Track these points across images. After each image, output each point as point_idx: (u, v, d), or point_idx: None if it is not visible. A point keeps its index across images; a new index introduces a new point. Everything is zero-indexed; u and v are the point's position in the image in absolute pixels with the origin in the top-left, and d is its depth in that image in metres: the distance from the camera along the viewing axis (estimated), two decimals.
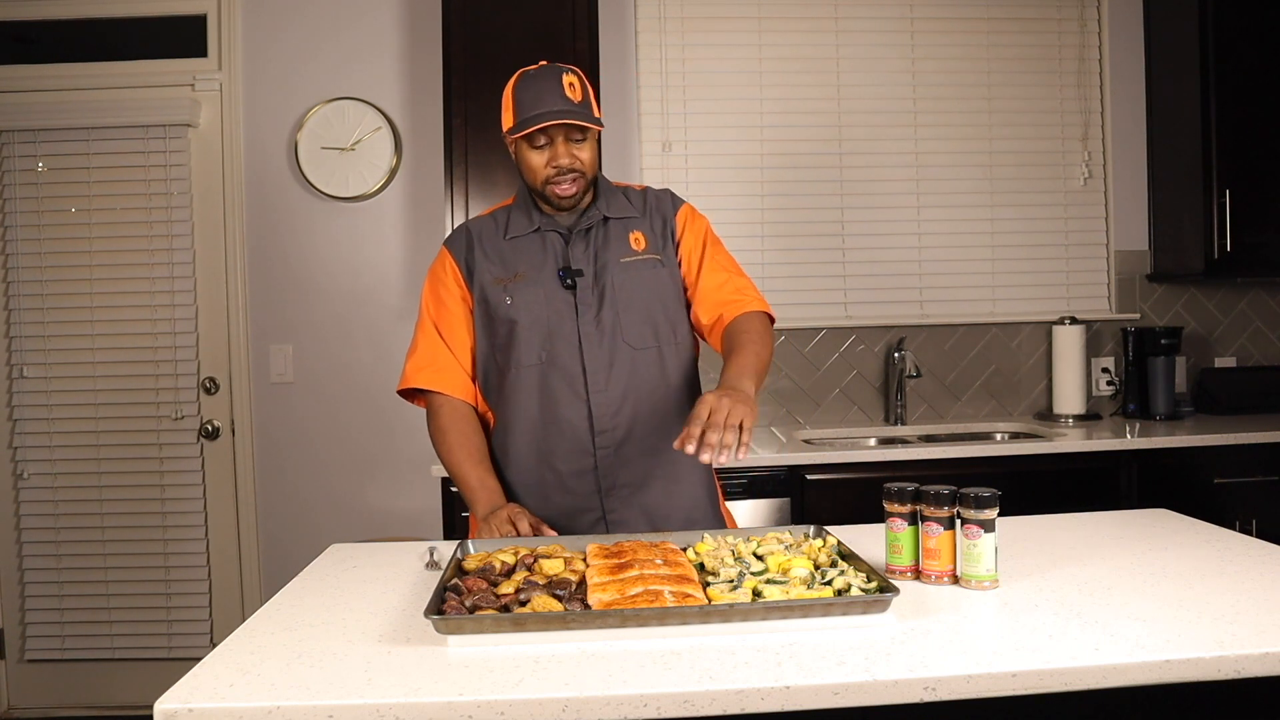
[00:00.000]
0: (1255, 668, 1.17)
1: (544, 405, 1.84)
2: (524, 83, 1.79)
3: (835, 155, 3.57)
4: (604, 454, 1.83)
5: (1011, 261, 3.63)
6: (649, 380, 1.86)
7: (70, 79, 3.42)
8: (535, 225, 1.88)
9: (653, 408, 1.86)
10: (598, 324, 1.84)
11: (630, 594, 1.32)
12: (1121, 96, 3.65)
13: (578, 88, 1.78)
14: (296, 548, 3.41)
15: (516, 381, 1.85)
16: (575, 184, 1.82)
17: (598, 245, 1.87)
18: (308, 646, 1.28)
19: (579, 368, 1.83)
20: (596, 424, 1.83)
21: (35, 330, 3.43)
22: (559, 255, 1.87)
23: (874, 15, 3.57)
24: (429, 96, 3.41)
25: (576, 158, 1.79)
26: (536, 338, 1.84)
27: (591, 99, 1.81)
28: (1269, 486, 3.02)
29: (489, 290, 1.87)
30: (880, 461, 2.91)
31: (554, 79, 1.77)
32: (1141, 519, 1.91)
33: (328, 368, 3.47)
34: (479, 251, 1.90)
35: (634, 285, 1.86)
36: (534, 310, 1.84)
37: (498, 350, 1.88)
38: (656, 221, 1.93)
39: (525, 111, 1.76)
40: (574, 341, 1.83)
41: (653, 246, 1.90)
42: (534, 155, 1.80)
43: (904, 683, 1.13)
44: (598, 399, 1.83)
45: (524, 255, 1.88)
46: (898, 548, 1.53)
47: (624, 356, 1.84)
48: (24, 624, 3.45)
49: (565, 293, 1.85)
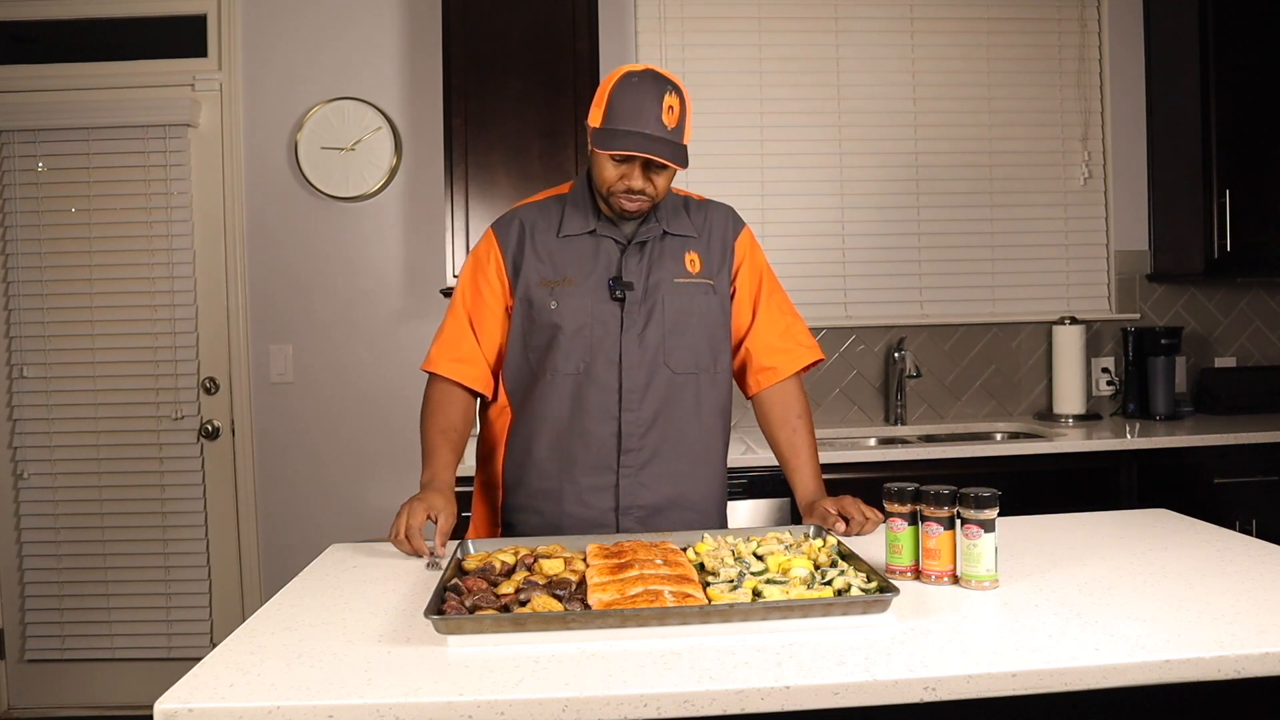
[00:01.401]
0: (1255, 668, 1.17)
1: (574, 415, 1.81)
2: (625, 89, 1.70)
3: (835, 155, 3.57)
4: (626, 474, 1.81)
5: (1011, 261, 3.63)
6: (683, 407, 1.84)
7: (70, 79, 3.42)
8: (591, 227, 1.83)
9: (681, 435, 1.84)
10: (641, 342, 1.81)
11: (630, 594, 1.32)
12: (1121, 96, 3.65)
13: (676, 111, 1.70)
14: (296, 548, 3.41)
15: (550, 387, 1.81)
16: (641, 205, 1.77)
17: (652, 260, 1.83)
18: (308, 646, 1.28)
19: (616, 383, 1.80)
20: (624, 443, 1.80)
21: (35, 330, 3.43)
22: (611, 264, 1.82)
23: (874, 15, 3.58)
24: (429, 96, 3.41)
25: (652, 183, 1.74)
26: (577, 347, 1.80)
27: (688, 123, 1.73)
28: (1269, 486, 3.02)
29: (534, 290, 1.82)
30: (880, 461, 2.91)
31: (656, 96, 1.68)
32: (1141, 519, 1.91)
33: (327, 368, 3.47)
34: (529, 248, 1.84)
35: (684, 308, 1.83)
36: (578, 318, 1.80)
37: (533, 352, 1.84)
38: (715, 245, 1.89)
39: (617, 122, 1.68)
40: (614, 357, 1.80)
41: (707, 270, 1.87)
42: (610, 167, 1.74)
43: (904, 683, 1.13)
44: (629, 418, 1.80)
45: (575, 258, 1.83)
46: (898, 548, 1.53)
47: (662, 379, 1.82)
48: (24, 624, 3.45)
49: (612, 305, 1.81)
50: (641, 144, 1.67)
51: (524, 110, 3.08)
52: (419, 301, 3.47)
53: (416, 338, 3.47)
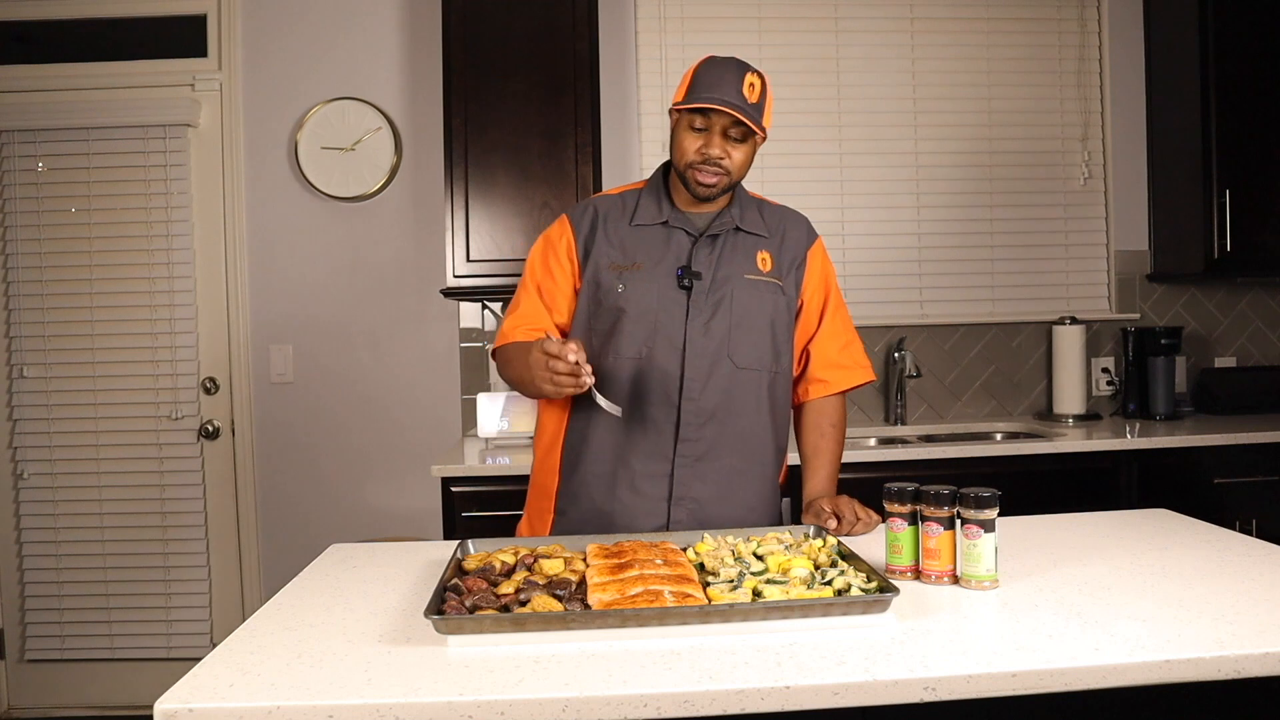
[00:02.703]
0: (1255, 668, 1.17)
1: (633, 401, 1.80)
2: (708, 65, 1.77)
3: (835, 155, 3.57)
4: (682, 463, 1.80)
5: (1011, 261, 3.63)
6: (744, 402, 1.83)
7: (70, 79, 3.42)
8: (664, 218, 1.85)
9: (739, 430, 1.83)
10: (706, 332, 1.81)
11: (630, 594, 1.32)
12: (1121, 96, 3.65)
13: (757, 89, 1.76)
14: (296, 548, 3.41)
15: (612, 370, 1.81)
16: (718, 179, 1.78)
17: (723, 253, 1.84)
18: (308, 646, 1.28)
19: (678, 371, 1.80)
20: (682, 431, 1.80)
21: (35, 330, 3.43)
22: (681, 254, 1.83)
23: (874, 15, 3.58)
24: (429, 96, 3.41)
25: (729, 154, 1.77)
26: (641, 331, 1.80)
27: (768, 106, 1.79)
28: (1269, 486, 3.02)
29: (603, 274, 1.83)
30: (880, 461, 2.91)
31: (738, 72, 1.75)
32: (1141, 519, 1.91)
33: (327, 368, 3.47)
34: (601, 233, 1.85)
35: (753, 304, 1.83)
36: (644, 303, 1.80)
37: (596, 335, 1.83)
38: (788, 250, 1.91)
39: (699, 91, 1.74)
40: (678, 344, 1.80)
41: (778, 271, 1.88)
42: (689, 136, 1.77)
43: (904, 683, 1.13)
44: (689, 407, 1.79)
45: (645, 246, 1.84)
46: (898, 548, 1.53)
47: (724, 371, 1.81)
48: (24, 624, 3.45)
49: (679, 293, 1.81)
50: (721, 102, 1.71)
51: (524, 111, 3.08)
52: (419, 301, 3.47)
53: (417, 338, 3.47)
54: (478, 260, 3.10)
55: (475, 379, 3.46)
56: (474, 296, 3.24)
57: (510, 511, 2.78)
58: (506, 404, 3.16)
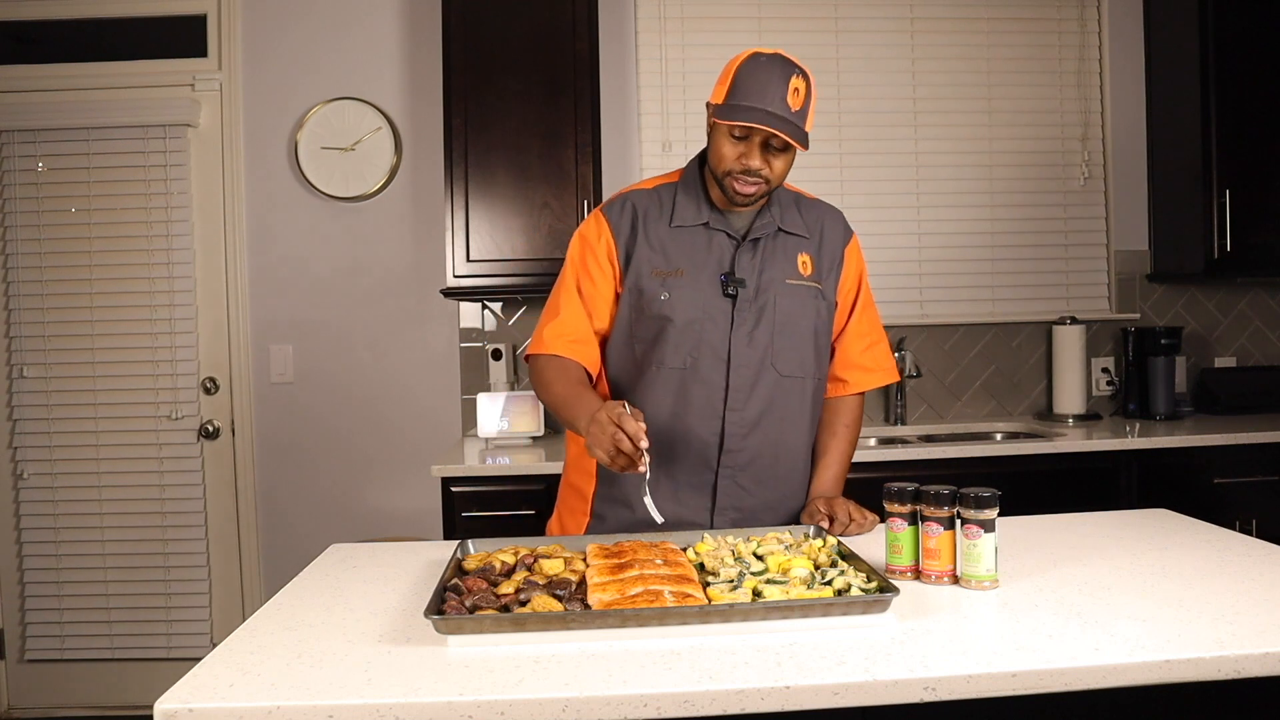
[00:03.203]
0: (1255, 668, 1.17)
1: (677, 411, 1.76)
2: (752, 66, 1.67)
3: (835, 155, 3.57)
4: (725, 474, 1.79)
5: (1011, 261, 3.63)
6: (786, 409, 1.81)
7: (70, 79, 3.42)
8: (704, 219, 1.79)
9: (780, 439, 1.81)
10: (750, 341, 1.77)
11: (630, 594, 1.32)
12: (1121, 96, 3.65)
13: (801, 94, 1.66)
14: (296, 548, 3.41)
15: (654, 380, 1.77)
16: (756, 188, 1.72)
17: (765, 258, 1.79)
18: (308, 646, 1.28)
19: (723, 381, 1.76)
20: (727, 442, 1.77)
21: (35, 330, 3.43)
22: (724, 259, 1.78)
23: (874, 15, 3.57)
24: (429, 96, 3.41)
25: (769, 164, 1.70)
26: (687, 341, 1.75)
27: (811, 108, 1.69)
28: (1269, 486, 3.02)
29: (645, 280, 1.77)
30: (880, 461, 2.91)
31: (783, 77, 1.65)
32: (1141, 519, 1.91)
33: (328, 368, 3.47)
34: (641, 235, 1.79)
35: (795, 310, 1.80)
36: (690, 312, 1.75)
37: (639, 342, 1.79)
38: (827, 249, 1.86)
39: (740, 98, 1.65)
40: (723, 354, 1.76)
41: (818, 274, 1.84)
42: (728, 144, 1.70)
43: (904, 683, 1.13)
44: (733, 417, 1.77)
45: (687, 249, 1.78)
46: (898, 548, 1.53)
47: (768, 380, 1.78)
48: (24, 624, 3.45)
49: (724, 301, 1.76)
50: (763, 118, 1.63)
51: (524, 111, 3.08)
52: (419, 301, 3.47)
53: (417, 338, 3.47)
54: (478, 260, 3.10)
55: (475, 379, 3.46)
56: (474, 296, 3.24)
57: (511, 511, 2.78)
58: (506, 404, 3.16)
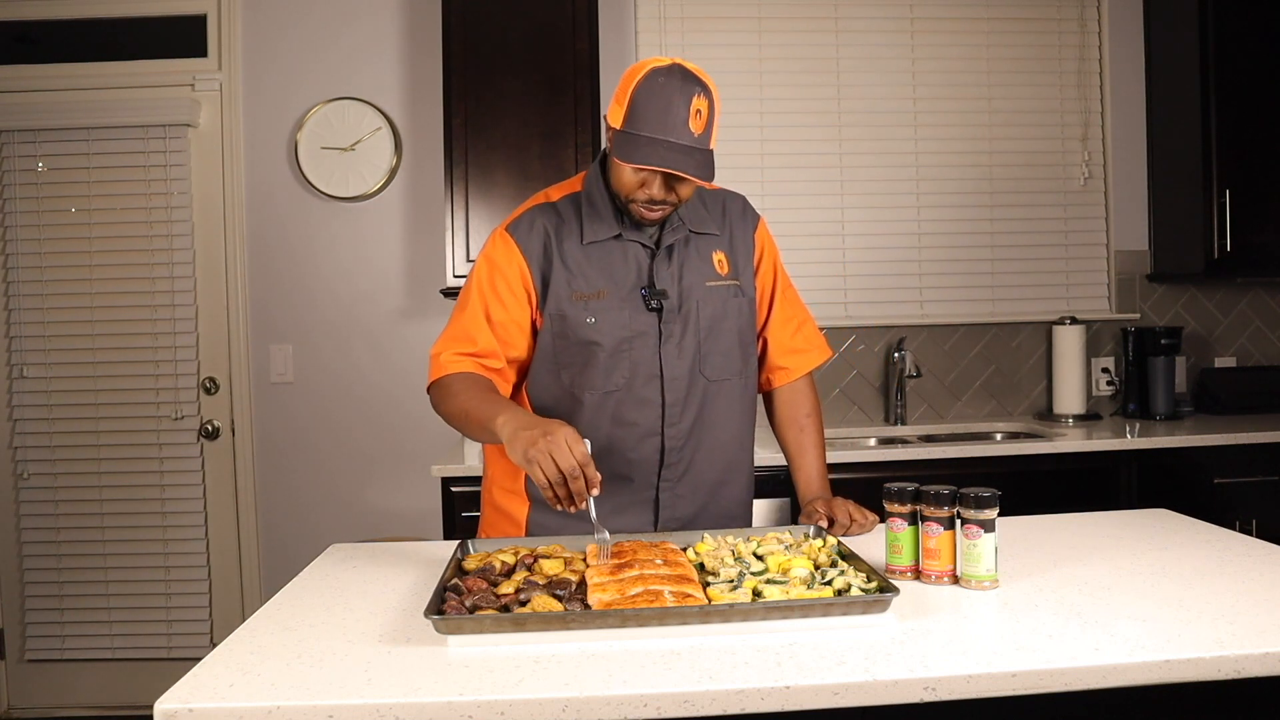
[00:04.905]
0: (1255, 668, 1.17)
1: (613, 433, 1.72)
2: (650, 88, 1.55)
3: (835, 155, 3.57)
4: (665, 487, 1.77)
5: (1011, 261, 3.63)
6: (718, 413, 1.79)
7: (70, 79, 3.42)
8: (616, 232, 1.72)
9: (714, 442, 1.80)
10: (680, 352, 1.73)
11: (630, 594, 1.32)
12: (1121, 96, 3.65)
13: (704, 115, 1.56)
14: (296, 548, 3.41)
15: (587, 406, 1.72)
16: (663, 213, 1.67)
17: (682, 264, 1.75)
18: (308, 646, 1.28)
19: (659, 399, 1.73)
20: (666, 457, 1.75)
21: (35, 330, 3.43)
22: (642, 272, 1.73)
23: (874, 15, 3.57)
24: (429, 96, 3.41)
25: (675, 192, 1.63)
26: (619, 364, 1.71)
27: (715, 123, 1.59)
28: (1269, 486, 3.02)
29: (566, 305, 1.70)
30: (880, 461, 2.91)
31: (683, 98, 1.54)
32: (1141, 519, 1.91)
33: (327, 368, 3.47)
34: (556, 257, 1.71)
35: (719, 313, 1.77)
36: (617, 333, 1.70)
37: (566, 369, 1.73)
38: (739, 241, 1.83)
39: (640, 126, 1.55)
40: (655, 371, 1.72)
41: (734, 270, 1.81)
42: (629, 174, 1.62)
43: (904, 683, 1.13)
44: (671, 432, 1.74)
45: (603, 267, 1.72)
46: (898, 548, 1.53)
47: (699, 388, 1.76)
48: (24, 624, 3.45)
49: (649, 316, 1.72)
50: (665, 157, 1.54)
51: (524, 110, 3.08)
52: (419, 301, 3.47)
53: (417, 338, 3.47)
54: None
55: None
56: None
57: None
58: None
